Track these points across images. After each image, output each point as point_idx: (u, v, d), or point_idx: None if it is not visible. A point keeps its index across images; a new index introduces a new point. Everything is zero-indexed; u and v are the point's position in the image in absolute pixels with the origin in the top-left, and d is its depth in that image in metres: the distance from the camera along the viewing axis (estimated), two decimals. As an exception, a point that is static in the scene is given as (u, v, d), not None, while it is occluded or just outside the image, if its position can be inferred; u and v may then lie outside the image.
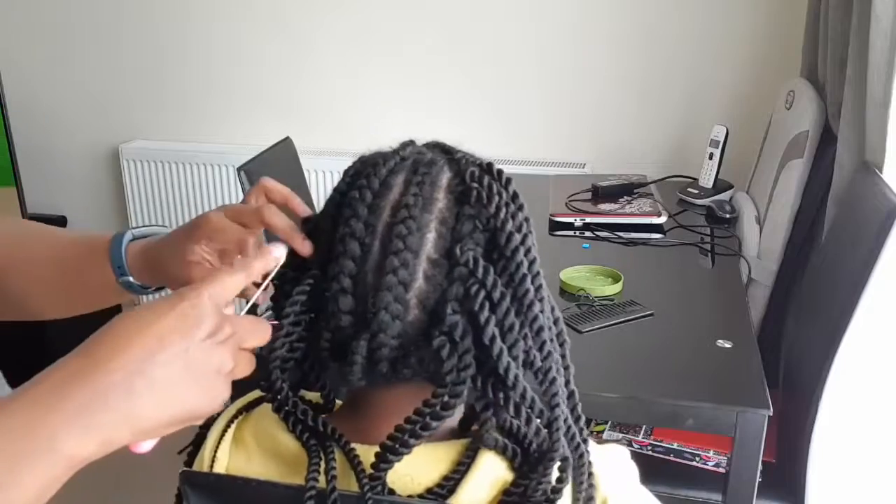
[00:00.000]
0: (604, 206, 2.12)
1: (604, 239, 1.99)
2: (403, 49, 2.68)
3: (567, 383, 0.71)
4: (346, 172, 0.71)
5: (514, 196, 0.68)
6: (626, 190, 2.21)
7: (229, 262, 0.78)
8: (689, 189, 2.27)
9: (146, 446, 0.59)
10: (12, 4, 2.96)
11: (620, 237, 1.99)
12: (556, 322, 0.69)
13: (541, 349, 0.67)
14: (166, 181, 2.93)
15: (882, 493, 1.64)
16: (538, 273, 0.67)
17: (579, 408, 0.71)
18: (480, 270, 0.64)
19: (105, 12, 2.89)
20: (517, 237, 0.66)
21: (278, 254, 0.70)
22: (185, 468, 0.72)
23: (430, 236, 0.66)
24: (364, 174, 0.69)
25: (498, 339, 0.64)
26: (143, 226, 0.88)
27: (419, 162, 0.69)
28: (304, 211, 0.76)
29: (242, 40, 2.80)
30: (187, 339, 0.56)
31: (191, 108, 2.94)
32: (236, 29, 2.80)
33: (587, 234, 2.01)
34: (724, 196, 2.23)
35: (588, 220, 2.04)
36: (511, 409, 0.66)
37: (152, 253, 0.83)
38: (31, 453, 0.51)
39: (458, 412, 0.69)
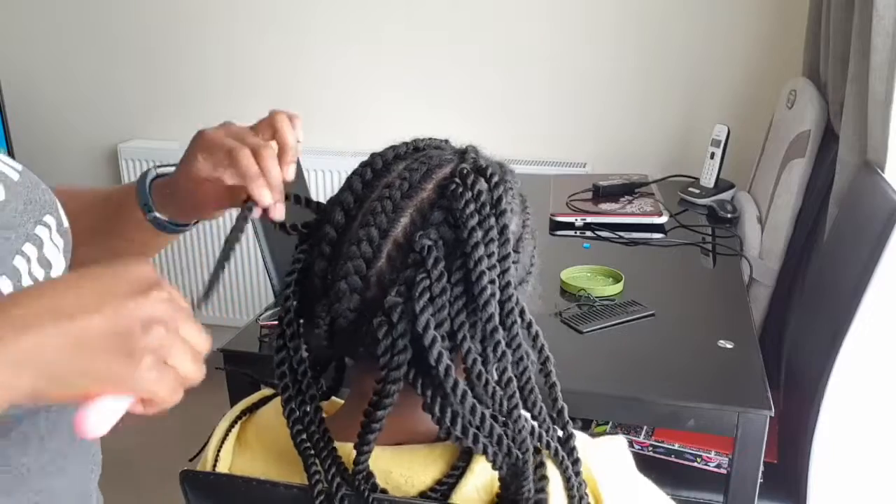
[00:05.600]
0: (605, 206, 2.12)
1: (605, 239, 1.98)
2: (404, 48, 2.68)
3: (551, 385, 0.70)
4: (371, 154, 0.73)
5: (497, 202, 0.67)
6: (627, 189, 2.21)
7: (224, 173, 0.76)
8: (691, 189, 2.26)
9: (94, 429, 0.52)
10: (10, 5, 2.95)
11: (621, 237, 1.99)
12: (529, 326, 0.68)
13: (494, 349, 0.65)
14: (166, 181, 2.92)
15: (884, 494, 1.63)
16: (510, 281, 0.66)
17: (560, 400, 0.70)
18: (431, 260, 0.64)
19: (103, 12, 2.88)
20: (478, 235, 0.65)
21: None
22: (186, 468, 0.72)
23: (404, 221, 0.66)
24: (377, 155, 0.71)
25: (431, 329, 0.63)
26: (167, 165, 0.86)
27: (425, 154, 0.70)
28: (288, 175, 0.76)
29: (240, 39, 2.80)
30: (114, 293, 0.51)
31: (189, 108, 2.93)
32: (234, 28, 2.79)
33: (588, 233, 2.01)
34: (726, 196, 2.23)
35: (589, 219, 2.04)
36: (437, 406, 0.64)
37: (169, 181, 0.83)
38: None
39: None
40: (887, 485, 1.63)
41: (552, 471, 0.68)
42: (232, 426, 0.75)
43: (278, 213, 0.75)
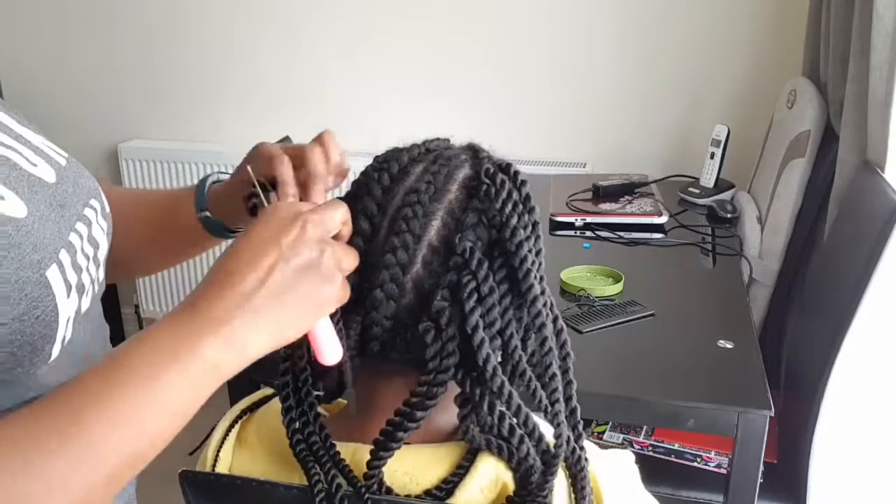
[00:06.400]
0: (604, 206, 2.12)
1: (604, 239, 1.98)
2: (404, 48, 2.68)
3: (568, 383, 0.70)
4: (375, 158, 0.73)
5: (527, 198, 0.69)
6: (627, 189, 2.21)
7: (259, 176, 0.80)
8: (691, 189, 2.26)
9: (331, 357, 0.64)
10: (11, 4, 2.95)
11: (621, 237, 1.99)
12: (555, 320, 0.69)
13: (542, 345, 0.67)
14: (165, 181, 2.92)
15: (884, 494, 1.63)
16: (542, 276, 0.68)
17: (574, 400, 0.71)
18: (475, 262, 0.65)
19: (103, 12, 2.88)
20: (522, 233, 0.66)
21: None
22: (185, 468, 0.72)
23: (436, 224, 0.66)
24: (389, 159, 0.70)
25: (480, 330, 0.64)
26: (224, 173, 0.92)
27: (441, 155, 0.71)
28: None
29: (241, 39, 2.80)
30: (278, 242, 0.59)
31: (190, 108, 2.93)
32: (235, 27, 2.79)
33: (588, 233, 2.01)
34: (726, 196, 2.23)
35: (589, 219, 2.04)
36: (485, 405, 0.65)
37: (220, 186, 0.89)
38: (175, 357, 0.55)
39: (454, 409, 0.68)
40: (887, 485, 1.63)
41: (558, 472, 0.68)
42: (232, 425, 0.75)
43: None
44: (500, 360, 0.66)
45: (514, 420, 0.66)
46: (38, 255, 0.63)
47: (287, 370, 0.70)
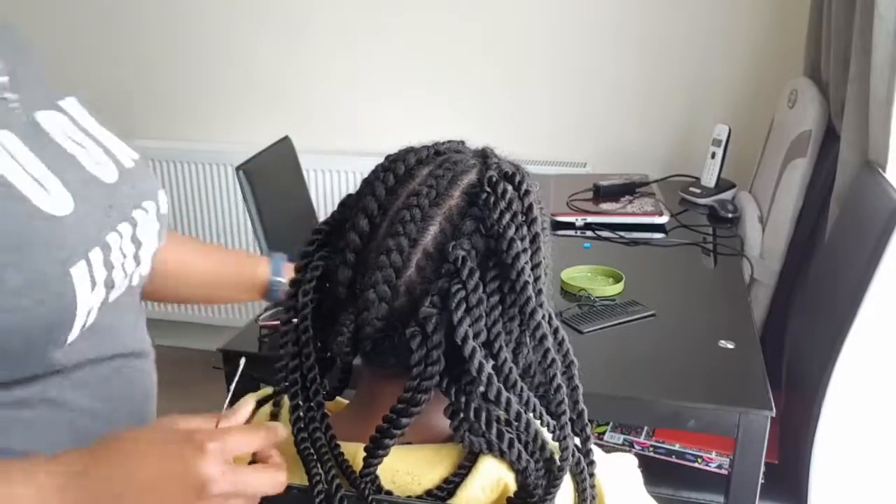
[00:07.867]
0: (605, 206, 2.11)
1: (605, 239, 1.98)
2: (405, 47, 2.67)
3: (574, 388, 0.70)
4: (386, 157, 0.72)
5: (529, 208, 0.67)
6: (628, 189, 2.21)
7: None
8: (692, 188, 2.26)
9: None
10: (8, 5, 2.95)
11: (622, 237, 1.99)
12: (555, 332, 0.68)
13: (544, 357, 0.66)
14: (164, 181, 2.92)
15: (885, 495, 1.63)
16: (542, 288, 0.66)
17: (581, 403, 0.70)
18: (465, 271, 0.64)
19: (102, 12, 2.88)
20: (518, 245, 0.64)
21: (282, 432, 0.67)
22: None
23: (433, 230, 0.66)
24: (397, 160, 0.70)
25: (471, 340, 0.63)
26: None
27: (449, 159, 0.70)
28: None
29: (241, 38, 2.79)
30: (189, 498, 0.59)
31: (189, 108, 2.93)
32: (235, 27, 2.79)
33: (588, 233, 2.00)
34: (727, 195, 2.22)
35: (589, 219, 2.04)
36: (471, 413, 0.65)
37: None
38: None
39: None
40: (888, 485, 1.62)
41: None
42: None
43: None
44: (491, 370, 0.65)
45: (513, 426, 0.66)
46: (66, 252, 0.66)
47: (296, 367, 0.69)
